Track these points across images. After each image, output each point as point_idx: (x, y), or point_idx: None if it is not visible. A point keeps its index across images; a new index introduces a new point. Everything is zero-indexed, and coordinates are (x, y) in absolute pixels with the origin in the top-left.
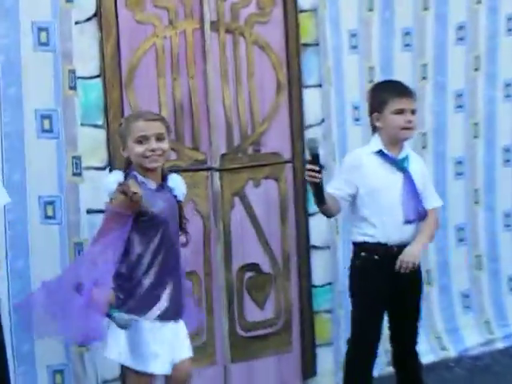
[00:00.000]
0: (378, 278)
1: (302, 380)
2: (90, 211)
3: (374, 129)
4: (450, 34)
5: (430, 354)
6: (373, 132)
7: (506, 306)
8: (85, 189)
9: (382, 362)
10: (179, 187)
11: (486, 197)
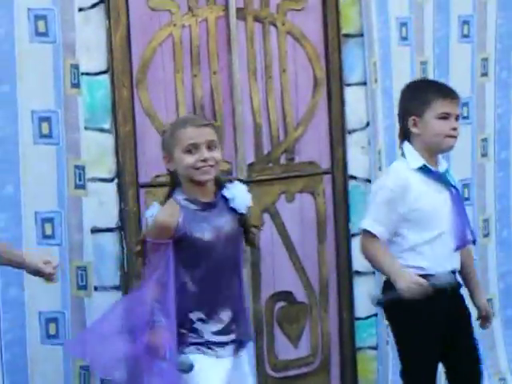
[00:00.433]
0: (431, 314)
1: None
2: (95, 230)
3: (404, 136)
4: None
5: None
6: (401, 140)
7: None
8: (89, 203)
9: None
10: (240, 197)
11: None
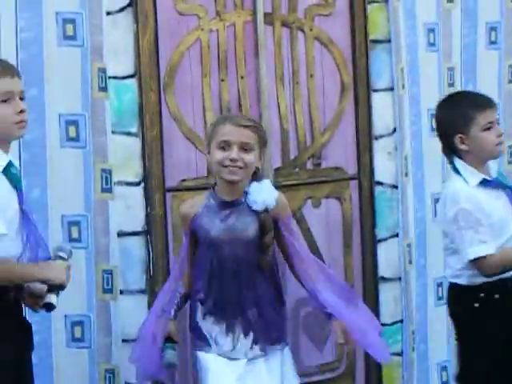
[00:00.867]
0: (503, 320)
1: None
2: (122, 234)
3: (452, 154)
4: None
5: None
6: (450, 158)
7: None
8: (116, 207)
9: None
10: (255, 195)
11: None
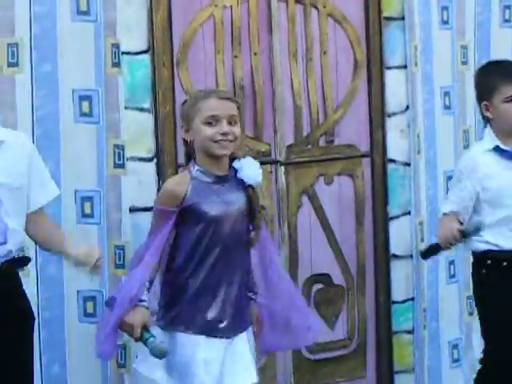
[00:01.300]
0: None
1: None
2: (134, 209)
3: (485, 119)
4: None
5: None
6: (484, 123)
7: None
8: (128, 183)
9: None
10: (249, 169)
11: None
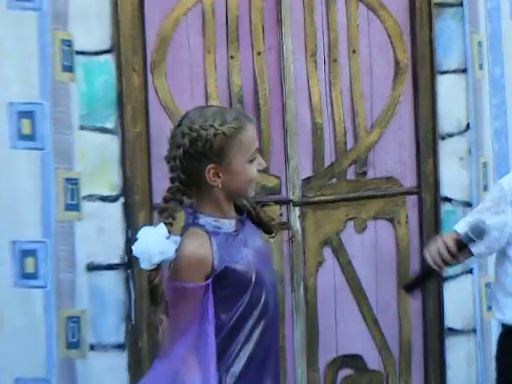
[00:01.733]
0: None
1: None
2: (93, 267)
3: None
4: None
5: None
6: None
7: None
8: (84, 231)
9: None
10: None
11: None
